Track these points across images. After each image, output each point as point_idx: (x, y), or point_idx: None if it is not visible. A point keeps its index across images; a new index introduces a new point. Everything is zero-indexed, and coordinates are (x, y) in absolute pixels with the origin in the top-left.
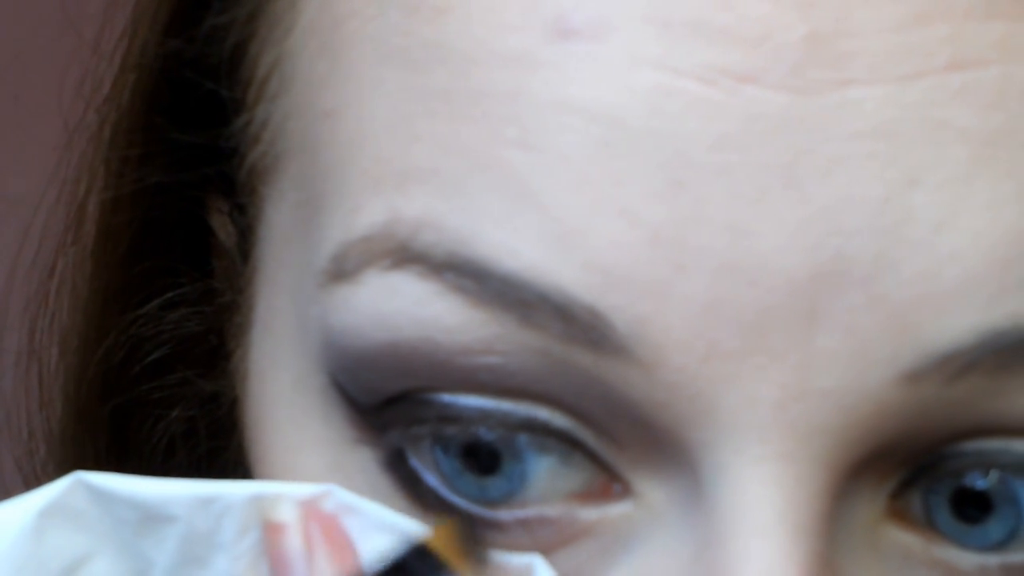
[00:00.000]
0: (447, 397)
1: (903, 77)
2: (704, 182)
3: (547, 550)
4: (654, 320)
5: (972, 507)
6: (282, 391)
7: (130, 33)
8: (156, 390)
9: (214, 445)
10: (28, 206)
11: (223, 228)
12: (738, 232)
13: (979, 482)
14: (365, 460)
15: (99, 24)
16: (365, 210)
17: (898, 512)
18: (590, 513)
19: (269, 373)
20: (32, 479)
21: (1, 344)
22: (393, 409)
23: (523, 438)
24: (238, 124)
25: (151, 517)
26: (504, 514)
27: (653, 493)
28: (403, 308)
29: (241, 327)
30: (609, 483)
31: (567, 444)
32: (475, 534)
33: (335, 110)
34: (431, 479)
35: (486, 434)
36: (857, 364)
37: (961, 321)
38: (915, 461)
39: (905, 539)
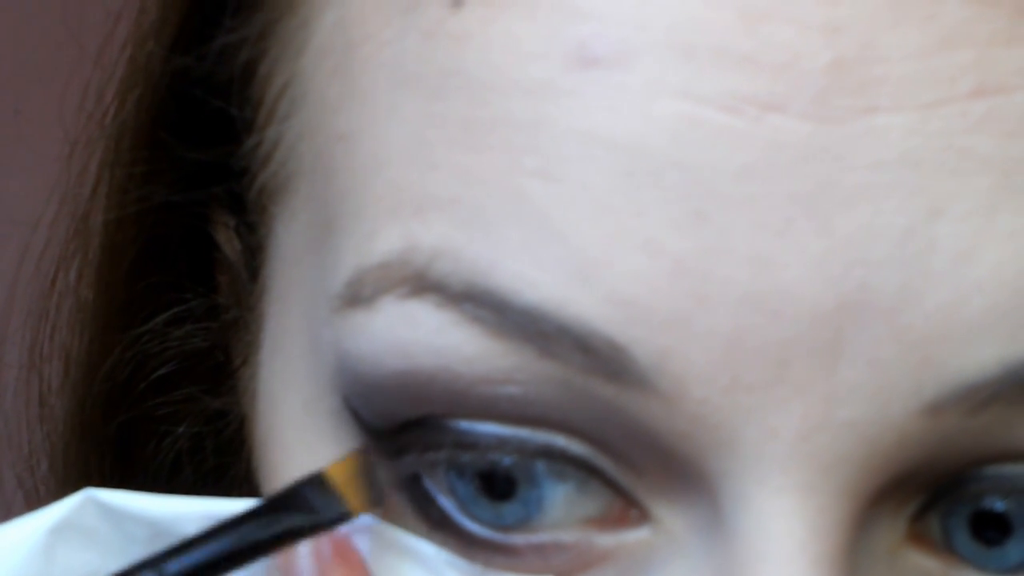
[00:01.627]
0: (464, 424)
1: (927, 104)
2: (727, 213)
3: None
4: (676, 352)
5: (991, 529)
6: (293, 412)
7: (134, 47)
8: (162, 406)
9: (221, 462)
10: (29, 219)
11: (229, 243)
12: (761, 263)
13: (998, 504)
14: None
15: (101, 36)
16: (381, 236)
17: (917, 536)
18: (607, 539)
19: (280, 393)
20: (33, 494)
21: (2, 359)
22: (408, 435)
23: (540, 465)
24: (249, 144)
25: (162, 534)
26: (519, 539)
27: (672, 520)
28: (421, 337)
29: (250, 345)
30: (626, 509)
31: (585, 471)
32: (376, 473)
33: (350, 134)
34: (444, 502)
35: (503, 460)
36: (880, 396)
37: (985, 353)
38: (935, 485)
39: (924, 563)
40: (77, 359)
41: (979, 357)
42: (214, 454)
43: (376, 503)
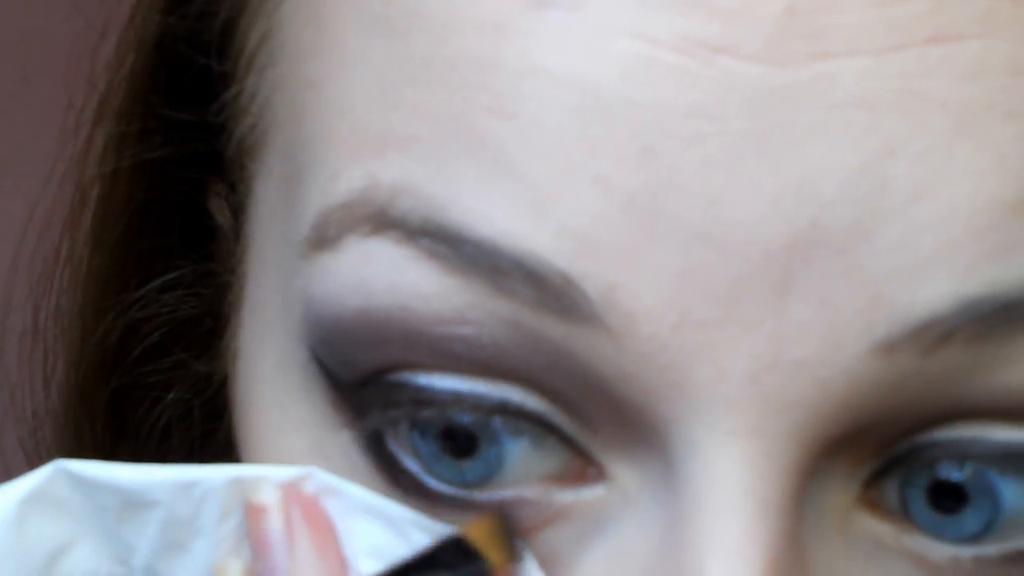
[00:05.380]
0: (422, 379)
1: (882, 49)
2: (677, 150)
3: (524, 533)
4: (625, 287)
5: (948, 498)
6: (266, 371)
7: (132, 13)
8: (152, 373)
9: (209, 428)
10: (33, 186)
11: (220, 211)
12: (711, 201)
13: (955, 474)
14: (346, 443)
15: (106, 6)
16: (344, 177)
17: (871, 501)
18: (566, 496)
19: (256, 352)
20: (35, 459)
21: (6, 323)
22: (370, 391)
23: (497, 421)
24: (227, 97)
25: (132, 503)
26: (481, 496)
27: (626, 476)
28: (380, 273)
29: (232, 306)
30: (584, 467)
31: (541, 427)
32: (514, 530)
33: (318, 80)
34: (409, 463)
35: (461, 418)
36: (831, 334)
37: (937, 289)
38: (890, 448)
39: (877, 528)
40: (71, 323)
41: (932, 293)
42: (202, 420)
43: (516, 560)
